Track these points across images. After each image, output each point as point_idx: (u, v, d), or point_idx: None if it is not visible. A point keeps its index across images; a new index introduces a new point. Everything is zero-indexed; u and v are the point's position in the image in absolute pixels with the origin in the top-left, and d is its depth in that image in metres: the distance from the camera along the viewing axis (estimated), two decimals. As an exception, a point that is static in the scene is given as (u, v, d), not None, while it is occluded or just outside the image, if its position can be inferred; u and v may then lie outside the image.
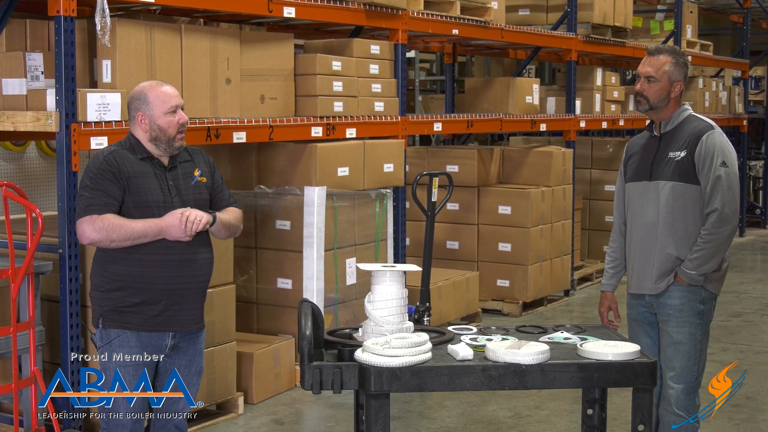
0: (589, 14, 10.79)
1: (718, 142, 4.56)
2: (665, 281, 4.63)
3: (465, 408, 6.64)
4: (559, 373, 3.69)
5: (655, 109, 4.67)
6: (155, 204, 4.31)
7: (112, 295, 4.32)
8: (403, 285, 3.94)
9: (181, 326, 4.39)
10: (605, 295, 4.97)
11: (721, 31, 18.59)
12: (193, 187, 4.47)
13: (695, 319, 4.63)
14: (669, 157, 4.62)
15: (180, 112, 4.40)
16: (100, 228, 4.19)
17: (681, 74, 4.67)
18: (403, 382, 3.61)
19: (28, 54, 5.60)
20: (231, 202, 4.70)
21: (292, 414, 6.57)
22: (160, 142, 4.37)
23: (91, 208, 4.22)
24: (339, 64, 7.29)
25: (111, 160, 4.29)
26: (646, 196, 4.68)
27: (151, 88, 4.42)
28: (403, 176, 7.91)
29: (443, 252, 9.79)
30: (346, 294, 7.38)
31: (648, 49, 4.75)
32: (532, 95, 10.18)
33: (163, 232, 4.27)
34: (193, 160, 4.54)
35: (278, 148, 7.15)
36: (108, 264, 4.34)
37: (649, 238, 4.68)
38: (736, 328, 9.13)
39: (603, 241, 12.02)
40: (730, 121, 15.25)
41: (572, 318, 9.57)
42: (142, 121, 4.37)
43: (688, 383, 4.62)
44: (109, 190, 4.24)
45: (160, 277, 4.31)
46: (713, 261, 4.57)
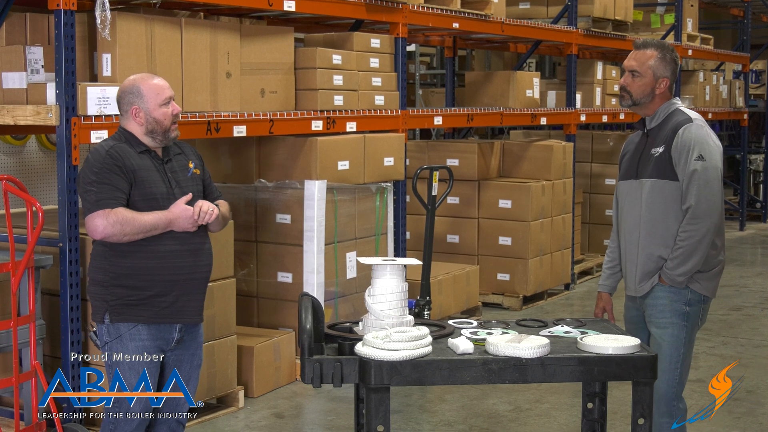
0: (589, 8, 10.78)
1: (695, 135, 4.38)
2: (649, 282, 4.48)
3: (465, 402, 6.64)
4: (560, 366, 3.69)
5: (638, 105, 4.53)
6: (161, 196, 4.33)
7: (119, 290, 4.29)
8: (403, 279, 3.94)
9: (189, 317, 4.41)
10: (600, 296, 4.82)
11: (721, 25, 18.59)
12: (190, 179, 4.49)
13: (679, 321, 4.46)
14: (651, 154, 4.48)
15: (173, 103, 4.41)
16: (114, 222, 4.18)
17: (667, 70, 4.50)
18: (404, 376, 3.61)
19: (28, 48, 5.59)
20: (219, 195, 4.72)
21: (293, 407, 6.57)
22: (156, 135, 4.37)
23: (102, 202, 4.20)
24: (339, 57, 7.29)
25: (114, 153, 4.28)
26: (633, 194, 4.55)
27: (143, 80, 4.41)
28: (403, 170, 7.91)
29: (443, 246, 9.79)
30: (346, 288, 7.38)
31: (635, 43, 4.61)
32: (533, 89, 10.18)
33: (172, 224, 4.29)
34: (184, 153, 4.56)
35: (278, 141, 7.15)
36: (116, 258, 4.30)
37: (633, 238, 4.54)
38: (736, 321, 9.13)
39: (603, 234, 12.05)
40: (731, 114, 15.25)
41: (572, 312, 9.58)
42: (137, 115, 4.36)
43: (669, 386, 4.47)
44: (117, 184, 4.23)
45: (174, 268, 4.33)
46: (693, 260, 4.38)
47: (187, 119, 6.07)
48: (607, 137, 12.44)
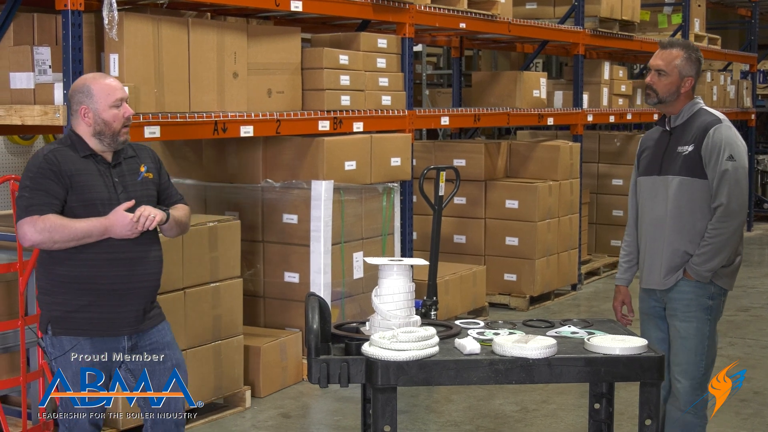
0: (596, 8, 10.77)
1: (725, 136, 4.52)
2: (674, 277, 4.61)
3: (472, 402, 6.64)
4: (566, 367, 3.69)
5: (664, 103, 4.64)
6: (100, 202, 4.14)
7: (59, 299, 4.15)
8: (410, 279, 3.94)
9: (133, 326, 4.24)
10: (619, 290, 4.94)
11: (729, 25, 18.53)
12: (140, 184, 4.29)
13: (703, 315, 4.60)
14: (678, 152, 4.59)
15: (125, 105, 4.23)
16: (41, 229, 4.00)
17: (692, 69, 4.63)
18: (410, 376, 3.61)
19: (36, 48, 5.60)
20: (179, 199, 4.53)
21: (299, 407, 6.57)
22: (104, 137, 4.19)
23: (32, 208, 4.03)
24: (346, 57, 7.29)
25: (51, 158, 4.11)
26: (656, 190, 4.66)
27: (95, 80, 4.25)
28: (410, 170, 7.91)
29: (450, 246, 9.79)
30: (353, 288, 7.38)
31: (661, 42, 4.72)
32: (540, 89, 10.17)
33: (109, 231, 4.10)
34: (139, 156, 4.36)
35: (285, 141, 7.15)
36: (52, 266, 4.16)
37: (657, 233, 4.65)
38: (743, 322, 9.11)
39: (610, 235, 12.04)
40: (738, 115, 15.21)
41: (579, 312, 9.56)
42: (85, 115, 4.18)
43: (694, 378, 4.59)
44: (51, 190, 4.06)
45: (108, 277, 4.14)
46: (720, 256, 4.53)
47: (194, 119, 6.08)
48: (614, 137, 12.42)
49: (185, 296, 6.08)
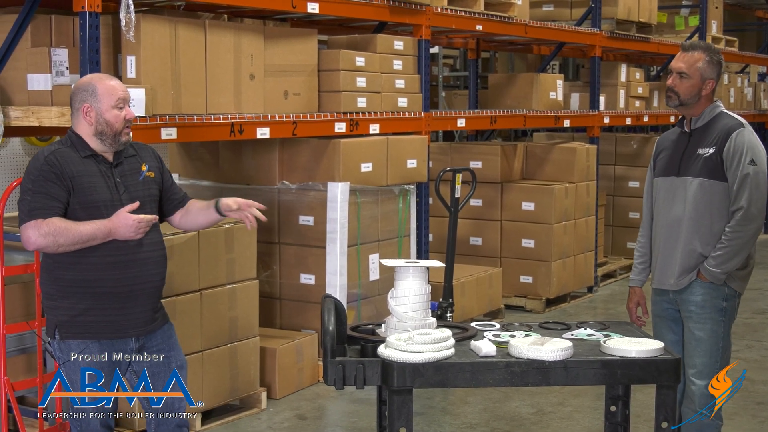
0: (613, 10, 10.75)
1: (747, 140, 4.54)
2: (688, 278, 4.61)
3: (488, 404, 6.63)
4: (583, 369, 3.68)
5: (685, 106, 4.65)
6: (103, 203, 4.12)
7: (65, 304, 4.14)
8: (426, 281, 3.94)
9: (140, 328, 4.24)
10: (633, 291, 4.94)
11: (746, 27, 18.47)
12: (141, 183, 4.28)
13: (717, 316, 4.60)
14: (698, 154, 4.60)
15: (127, 108, 4.22)
16: (46, 233, 3.97)
17: (714, 72, 4.64)
18: (426, 378, 3.60)
19: (53, 50, 5.62)
20: (183, 196, 4.54)
21: (315, 409, 6.58)
22: (105, 137, 4.16)
23: (35, 212, 4.00)
24: (362, 59, 7.29)
25: (52, 160, 4.07)
26: (674, 191, 4.67)
27: (100, 80, 4.23)
28: (426, 172, 7.90)
29: (466, 248, 9.77)
30: (369, 290, 7.38)
31: (682, 45, 4.73)
32: (556, 91, 10.15)
33: (113, 233, 4.08)
34: (139, 155, 4.35)
35: (302, 143, 7.16)
36: (57, 271, 4.15)
37: (673, 234, 4.66)
38: (760, 325, 9.07)
39: (627, 237, 12.00)
40: (755, 117, 15.14)
41: (595, 314, 9.54)
42: (87, 114, 4.16)
43: (710, 380, 4.55)
44: (53, 192, 4.03)
45: (113, 280, 4.13)
46: (736, 259, 4.54)
47: (210, 121, 6.09)
48: (630, 140, 12.39)
49: (201, 298, 6.09)
